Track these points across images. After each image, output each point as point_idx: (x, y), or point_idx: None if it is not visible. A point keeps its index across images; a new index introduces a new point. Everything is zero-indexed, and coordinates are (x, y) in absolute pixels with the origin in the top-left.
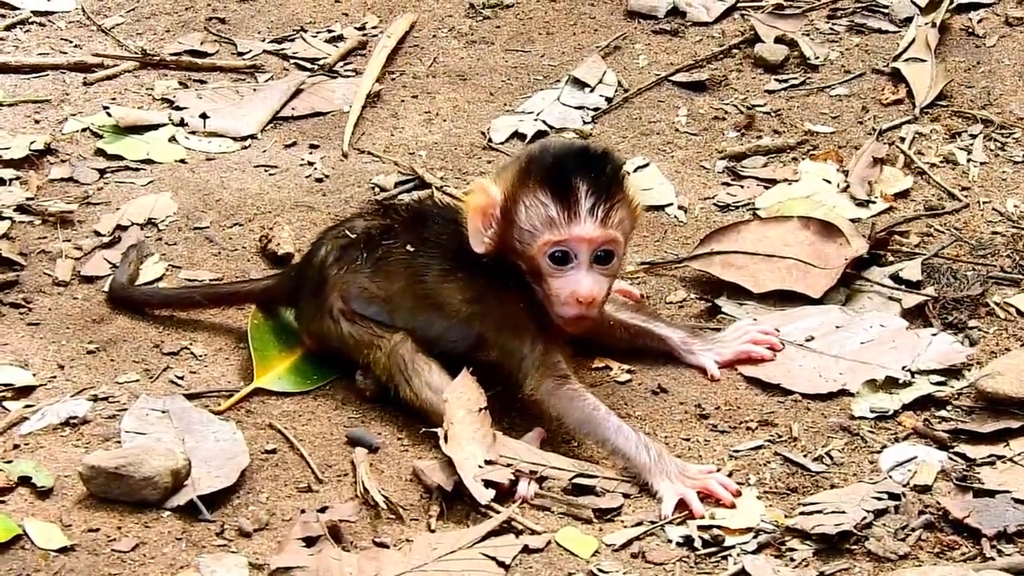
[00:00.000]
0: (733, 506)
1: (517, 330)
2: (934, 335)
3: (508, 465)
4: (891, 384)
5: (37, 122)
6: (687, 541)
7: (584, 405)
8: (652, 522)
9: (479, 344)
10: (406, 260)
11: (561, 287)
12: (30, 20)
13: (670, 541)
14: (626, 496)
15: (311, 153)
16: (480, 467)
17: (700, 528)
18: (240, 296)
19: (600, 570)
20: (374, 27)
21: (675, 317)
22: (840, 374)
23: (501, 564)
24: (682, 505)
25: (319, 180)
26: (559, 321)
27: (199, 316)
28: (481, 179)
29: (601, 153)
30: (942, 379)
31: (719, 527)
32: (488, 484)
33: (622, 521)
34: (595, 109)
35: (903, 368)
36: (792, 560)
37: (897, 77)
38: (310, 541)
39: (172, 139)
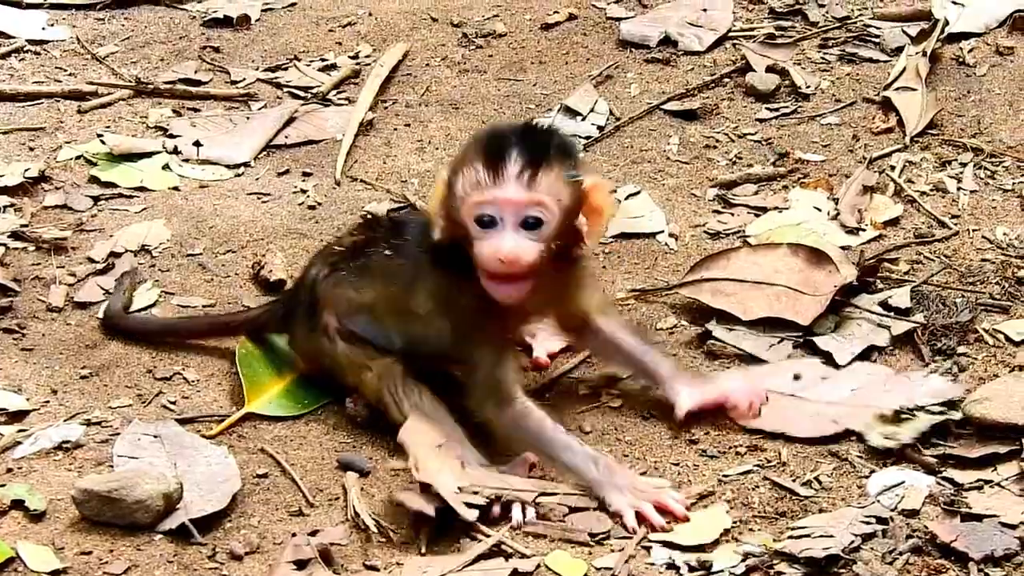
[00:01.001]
0: (687, 519)
1: (475, 338)
2: (925, 377)
3: (475, 493)
4: (896, 419)
5: (31, 149)
6: (673, 565)
7: (530, 424)
8: (636, 542)
9: (454, 352)
10: (383, 266)
11: (483, 249)
12: (25, 49)
13: (652, 565)
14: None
15: (304, 181)
16: (456, 492)
17: (683, 550)
18: (235, 326)
19: None
20: (367, 56)
21: (666, 343)
22: (837, 420)
23: None
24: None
25: (312, 207)
26: (491, 292)
27: (192, 342)
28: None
29: (543, 129)
30: (942, 410)
31: (684, 546)
32: (471, 505)
33: (611, 545)
34: (587, 137)
35: (900, 407)
36: None
37: (888, 106)
38: (301, 564)
39: (166, 167)
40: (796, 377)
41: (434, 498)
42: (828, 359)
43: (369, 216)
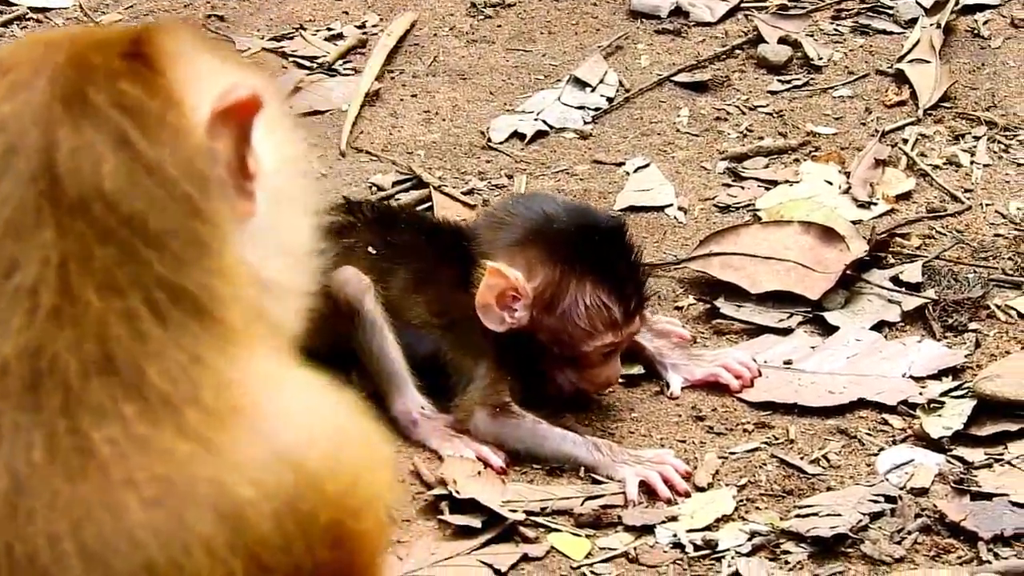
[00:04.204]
0: (688, 494)
1: (475, 352)
2: (919, 341)
3: (513, 511)
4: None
5: None
6: (678, 544)
7: (523, 423)
8: (645, 525)
9: (434, 354)
10: (367, 263)
11: (599, 374)
12: (27, 16)
13: (657, 544)
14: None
15: (308, 152)
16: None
17: (688, 529)
18: None
19: (593, 572)
20: (374, 26)
21: (674, 318)
22: (844, 388)
23: (497, 571)
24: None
25: (316, 179)
26: (567, 387)
27: None
28: (492, 263)
29: (625, 231)
30: (954, 383)
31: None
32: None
33: (616, 525)
34: (596, 109)
35: (903, 375)
36: (787, 563)
37: (901, 79)
38: None
39: None
40: (788, 362)
41: (479, 512)
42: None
43: (348, 200)
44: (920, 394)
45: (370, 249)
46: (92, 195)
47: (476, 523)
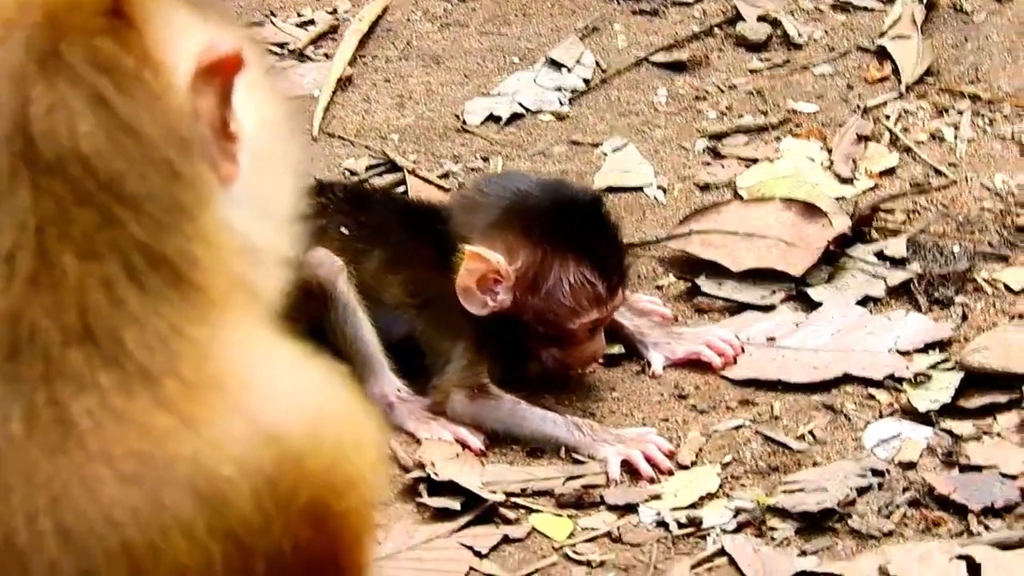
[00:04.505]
0: (671, 472)
1: (452, 333)
2: (904, 315)
3: (493, 492)
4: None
5: None
6: (662, 522)
7: (501, 404)
8: (628, 504)
9: (409, 336)
10: (340, 244)
11: (585, 350)
12: None
13: (640, 523)
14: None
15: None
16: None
17: (674, 509)
18: None
19: (575, 553)
20: (346, 11)
21: (654, 297)
22: (829, 363)
23: (477, 553)
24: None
25: (297, 142)
26: (551, 366)
27: None
28: (471, 247)
29: (601, 203)
30: (941, 356)
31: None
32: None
33: (598, 505)
34: (572, 90)
35: (889, 350)
36: (773, 539)
37: (883, 55)
38: None
39: None
40: (771, 339)
41: (458, 494)
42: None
43: (319, 181)
44: (907, 368)
45: (343, 230)
46: (69, 157)
47: (455, 505)
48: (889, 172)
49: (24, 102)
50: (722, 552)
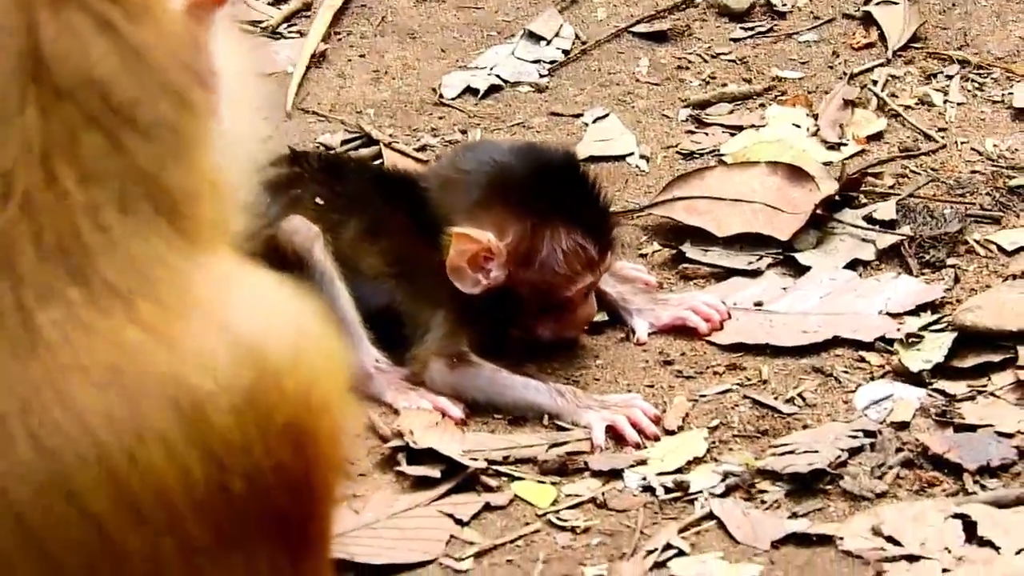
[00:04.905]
0: (657, 438)
1: (431, 302)
2: (895, 278)
3: (474, 460)
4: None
5: None
6: (648, 487)
7: (482, 372)
8: (613, 470)
9: (388, 306)
10: (316, 213)
11: (580, 315)
12: None
13: (626, 488)
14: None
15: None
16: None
17: (660, 474)
18: None
19: (559, 519)
20: None
21: (639, 265)
22: (818, 327)
23: (459, 521)
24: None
25: (262, 140)
26: (547, 336)
27: None
28: (458, 228)
29: (577, 162)
30: (933, 317)
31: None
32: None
33: (582, 471)
34: (551, 62)
35: (879, 312)
36: (763, 502)
37: (869, 21)
38: None
39: None
40: (758, 304)
41: (438, 462)
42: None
43: (293, 151)
44: (898, 330)
45: (318, 200)
46: (82, 81)
47: (435, 473)
48: (877, 137)
49: (32, 25)
50: (710, 516)
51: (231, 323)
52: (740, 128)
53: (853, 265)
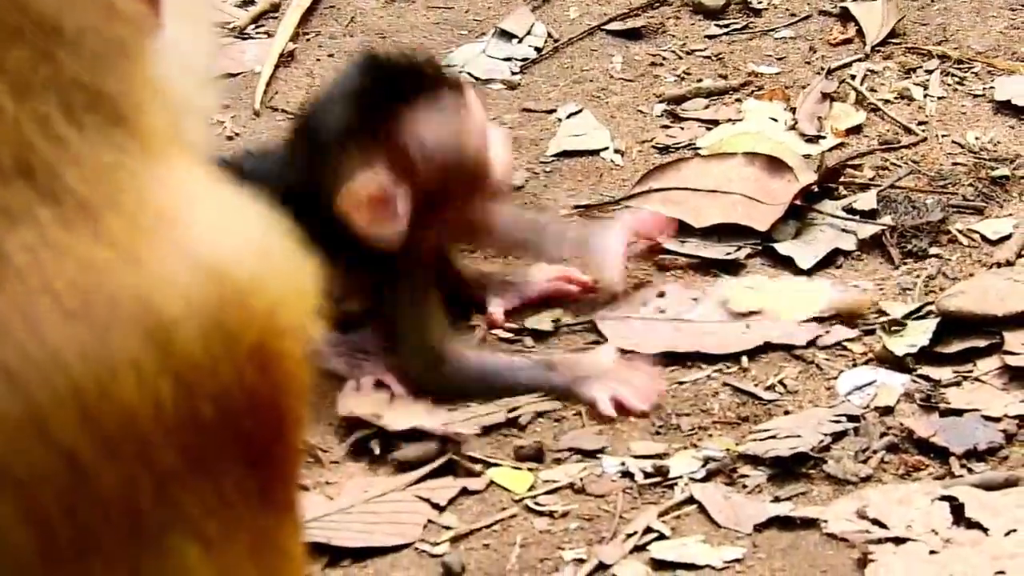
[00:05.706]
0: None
1: (390, 306)
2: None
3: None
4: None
5: None
6: (627, 473)
7: (468, 365)
8: (592, 452)
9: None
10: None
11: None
12: None
13: (604, 473)
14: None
15: (221, 112)
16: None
17: (638, 457)
18: None
19: (537, 504)
20: None
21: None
22: (744, 332)
23: (436, 506)
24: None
25: (229, 139)
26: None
27: None
28: (353, 182)
29: (376, 56)
30: (915, 304)
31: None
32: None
33: (560, 456)
34: (524, 59)
35: (799, 321)
36: (744, 487)
37: (846, 17)
38: None
39: None
40: (660, 294)
41: (414, 446)
42: (790, 265)
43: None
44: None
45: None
46: None
47: (410, 457)
48: (856, 130)
49: None
50: (691, 500)
51: (195, 240)
52: (716, 122)
53: (834, 255)
